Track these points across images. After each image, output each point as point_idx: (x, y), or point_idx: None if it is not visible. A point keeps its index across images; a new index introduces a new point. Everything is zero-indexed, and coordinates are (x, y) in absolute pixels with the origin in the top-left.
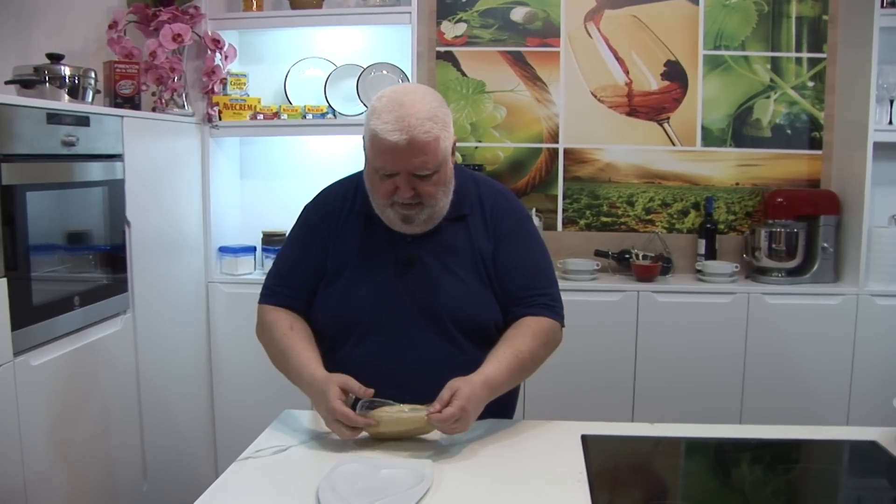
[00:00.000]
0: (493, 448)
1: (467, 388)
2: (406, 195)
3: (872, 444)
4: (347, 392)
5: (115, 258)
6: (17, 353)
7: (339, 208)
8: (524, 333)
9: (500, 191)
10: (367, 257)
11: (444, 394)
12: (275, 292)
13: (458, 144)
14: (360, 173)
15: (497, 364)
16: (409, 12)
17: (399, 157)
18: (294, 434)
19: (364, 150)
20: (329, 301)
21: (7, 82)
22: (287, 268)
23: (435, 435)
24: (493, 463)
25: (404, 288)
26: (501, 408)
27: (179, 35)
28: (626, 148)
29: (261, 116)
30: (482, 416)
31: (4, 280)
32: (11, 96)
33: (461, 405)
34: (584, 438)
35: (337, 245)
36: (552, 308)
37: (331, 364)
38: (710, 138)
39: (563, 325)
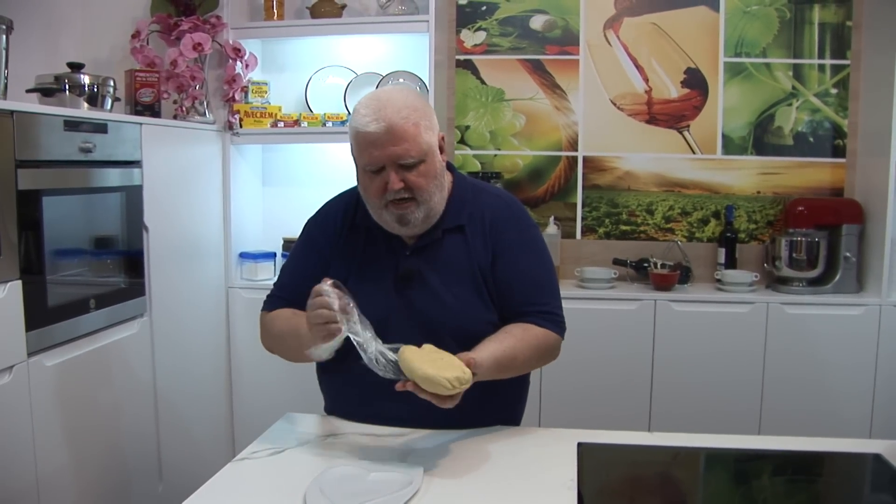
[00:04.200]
0: (486, 454)
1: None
2: (396, 186)
3: (876, 458)
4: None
5: (132, 262)
6: (31, 354)
7: (339, 222)
8: (529, 342)
9: (502, 199)
10: (367, 271)
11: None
12: (276, 301)
13: (477, 152)
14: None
15: (496, 363)
16: (427, 21)
17: (380, 146)
18: (292, 436)
19: (353, 157)
20: None
21: (28, 91)
22: (290, 280)
23: (429, 444)
24: (484, 469)
25: (403, 301)
26: (509, 416)
27: (200, 44)
28: (646, 156)
29: (281, 124)
30: (488, 424)
31: (19, 282)
32: (28, 104)
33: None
34: (580, 446)
35: (338, 259)
36: (556, 322)
37: (334, 376)
38: (730, 146)
39: (563, 338)
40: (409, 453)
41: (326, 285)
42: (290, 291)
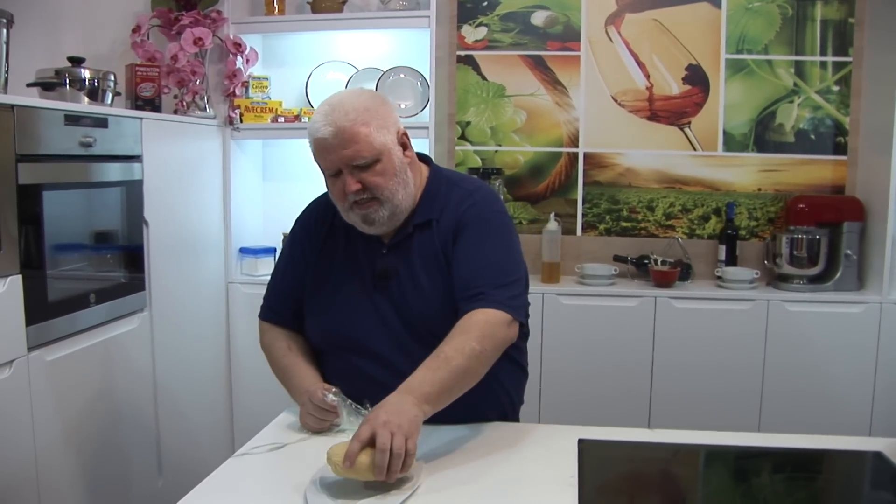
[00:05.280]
0: (486, 450)
1: (381, 423)
2: (353, 188)
3: (877, 455)
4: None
5: (132, 257)
6: (31, 348)
7: (321, 223)
8: (454, 332)
9: (467, 192)
10: (347, 270)
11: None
12: (268, 310)
13: (477, 148)
14: None
15: (417, 372)
16: (428, 16)
17: (331, 150)
18: (292, 432)
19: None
20: (316, 316)
21: (29, 85)
22: (277, 286)
23: (427, 439)
24: (484, 465)
25: (383, 299)
26: (507, 412)
27: (200, 39)
28: (647, 153)
29: (282, 119)
30: (487, 419)
31: (20, 276)
32: (29, 98)
33: (383, 449)
34: (581, 443)
35: (319, 260)
36: (489, 299)
37: (328, 375)
38: (731, 143)
39: (513, 317)
40: None
41: (330, 396)
42: (279, 301)
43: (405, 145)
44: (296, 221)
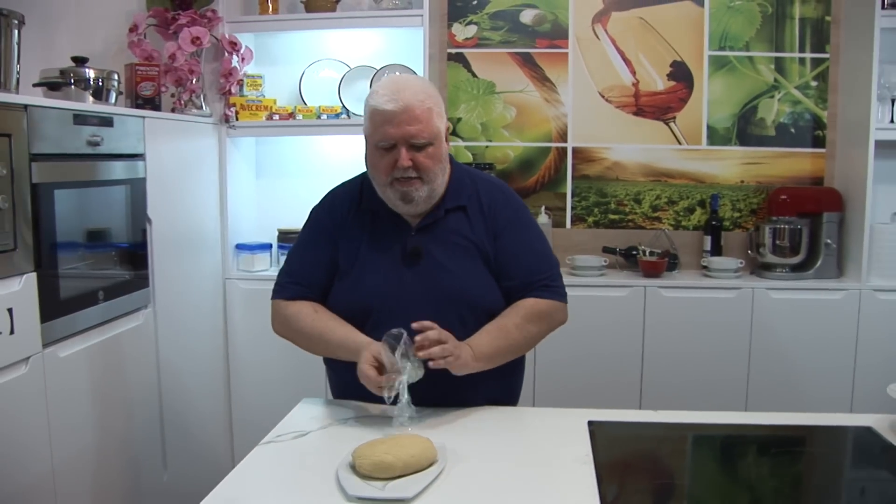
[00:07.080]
0: (501, 433)
1: (452, 346)
2: (405, 163)
3: (868, 430)
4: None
5: (136, 255)
6: (45, 345)
7: (346, 207)
8: (516, 311)
9: (495, 184)
10: (375, 250)
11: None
12: (288, 288)
13: (468, 144)
14: (364, 174)
15: (479, 334)
16: (421, 15)
17: (396, 125)
18: (313, 420)
19: (364, 134)
20: (342, 293)
21: (35, 85)
22: (299, 265)
23: (446, 423)
24: (503, 446)
25: (414, 277)
26: (505, 396)
27: (198, 38)
28: (633, 147)
29: (276, 117)
30: (486, 403)
31: (34, 275)
32: (40, 98)
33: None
34: (591, 424)
35: (346, 242)
36: (552, 289)
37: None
38: (715, 137)
39: (565, 302)
40: (431, 432)
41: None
42: (302, 277)
43: (446, 137)
44: (315, 209)
